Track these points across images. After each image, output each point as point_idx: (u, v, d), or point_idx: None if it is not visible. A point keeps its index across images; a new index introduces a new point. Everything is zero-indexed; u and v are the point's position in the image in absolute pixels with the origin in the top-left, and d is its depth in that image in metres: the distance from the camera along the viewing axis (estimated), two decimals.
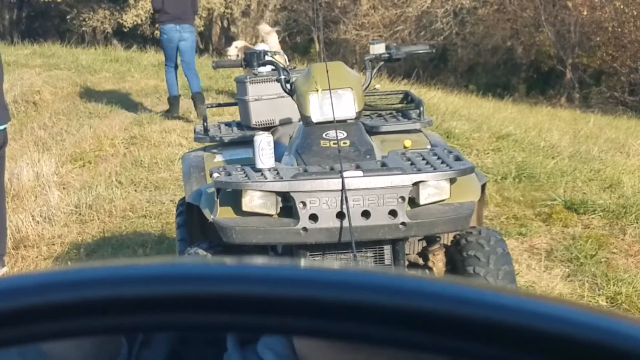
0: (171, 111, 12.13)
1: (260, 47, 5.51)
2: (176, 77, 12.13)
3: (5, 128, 7.32)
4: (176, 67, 12.07)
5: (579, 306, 0.85)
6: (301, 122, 4.70)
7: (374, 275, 0.86)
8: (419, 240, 4.74)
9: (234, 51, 12.54)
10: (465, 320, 0.77)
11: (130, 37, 26.41)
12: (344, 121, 4.52)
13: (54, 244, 8.05)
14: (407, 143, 4.89)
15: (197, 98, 11.70)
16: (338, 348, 1.11)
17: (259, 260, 0.90)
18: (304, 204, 4.14)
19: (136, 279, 0.82)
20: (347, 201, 4.10)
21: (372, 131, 4.99)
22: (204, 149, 5.49)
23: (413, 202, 4.22)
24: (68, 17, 28.95)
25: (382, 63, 5.12)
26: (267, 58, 5.14)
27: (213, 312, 0.80)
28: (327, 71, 4.45)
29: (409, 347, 0.80)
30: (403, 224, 4.15)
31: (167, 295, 0.80)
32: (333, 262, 4.23)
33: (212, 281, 0.81)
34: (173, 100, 12.15)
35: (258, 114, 5.51)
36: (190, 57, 12.12)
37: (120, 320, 0.81)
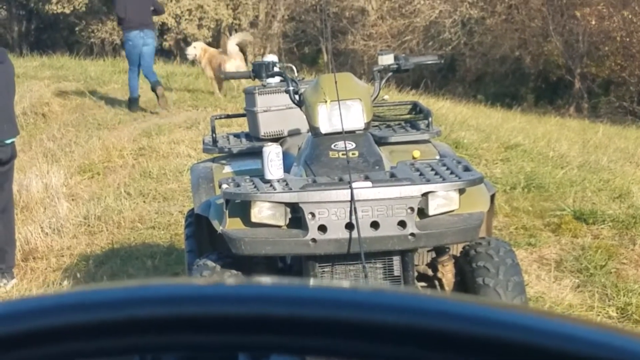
0: (131, 109, 13.46)
1: (268, 58, 5.51)
2: (138, 81, 13.46)
3: (13, 142, 7.35)
4: (139, 72, 13.39)
5: (587, 323, 0.85)
6: (310, 133, 4.70)
7: (386, 295, 0.85)
8: (428, 251, 4.73)
9: (192, 50, 14.21)
10: (479, 339, 0.77)
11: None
12: (353, 132, 4.52)
13: (63, 256, 8.06)
14: (416, 154, 4.89)
15: (156, 85, 13.14)
16: None
17: (270, 281, 0.90)
18: (313, 214, 4.14)
19: (147, 300, 0.82)
20: (356, 212, 4.10)
21: (381, 142, 4.99)
22: (213, 160, 5.49)
23: (422, 212, 4.21)
24: (77, 29, 29.07)
25: (390, 74, 5.12)
26: (276, 69, 5.15)
27: (225, 332, 0.79)
28: (335, 82, 4.45)
29: None
30: (412, 234, 4.14)
31: (177, 316, 0.80)
32: (343, 282, 4.23)
33: (223, 302, 0.81)
34: (134, 101, 13.50)
35: (267, 125, 5.51)
36: (150, 62, 13.38)
37: (131, 341, 0.81)
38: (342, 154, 4.44)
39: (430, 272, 4.71)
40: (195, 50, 14.15)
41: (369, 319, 0.78)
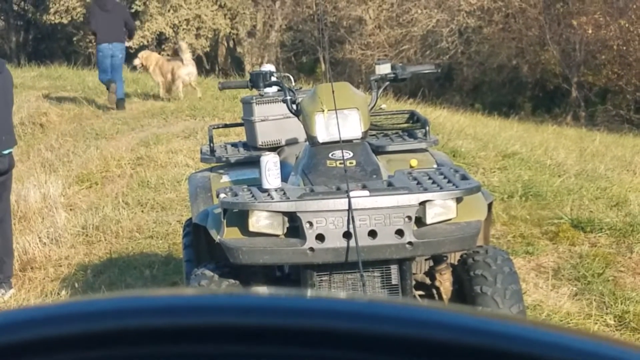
0: (110, 89, 14.44)
1: (266, 67, 5.52)
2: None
3: (11, 152, 7.36)
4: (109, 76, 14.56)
5: (582, 334, 0.86)
6: (307, 143, 4.70)
7: (378, 305, 0.86)
8: (425, 259, 4.73)
9: (137, 61, 15.40)
10: (472, 349, 0.77)
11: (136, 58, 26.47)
12: (350, 141, 4.53)
13: (61, 266, 8.06)
14: (414, 162, 4.89)
15: (119, 105, 14.33)
16: None
17: (265, 291, 0.91)
18: (311, 224, 4.14)
19: (142, 311, 0.82)
20: (353, 221, 4.10)
21: (378, 151, 5.00)
22: (211, 170, 5.50)
23: (420, 221, 4.21)
24: (74, 39, 29.11)
25: (387, 83, 5.12)
26: (274, 79, 5.16)
27: (217, 342, 0.80)
28: (332, 92, 4.46)
29: None
30: (410, 243, 4.14)
31: (172, 326, 0.80)
32: (339, 292, 4.24)
33: (220, 312, 0.82)
34: (108, 83, 14.52)
35: (264, 135, 5.52)
36: (119, 70, 14.65)
37: (125, 352, 0.81)
38: (340, 163, 4.45)
39: (428, 281, 4.71)
40: (138, 60, 15.35)
41: (361, 329, 0.79)
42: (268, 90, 5.40)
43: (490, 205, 4.74)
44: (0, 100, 7.23)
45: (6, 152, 7.24)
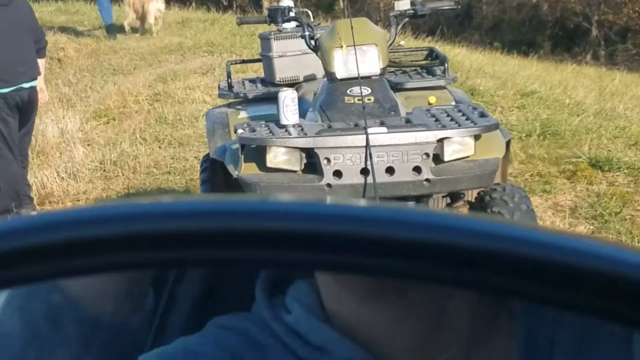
0: (110, 35, 15.07)
1: (284, 3, 5.48)
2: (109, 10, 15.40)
3: (34, 87, 7.23)
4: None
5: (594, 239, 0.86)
6: (325, 79, 4.69)
7: (402, 211, 0.86)
8: (443, 196, 4.74)
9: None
10: (494, 254, 0.77)
11: None
12: (369, 77, 4.51)
13: (78, 200, 8.10)
14: (432, 99, 4.87)
15: (109, 29, 15.19)
16: (363, 301, 1.12)
17: (287, 197, 0.91)
18: (328, 160, 4.14)
19: (165, 215, 0.83)
20: (371, 157, 4.10)
21: (397, 88, 4.98)
22: (228, 106, 5.50)
23: (437, 158, 4.21)
24: None
25: (406, 19, 5.09)
26: (292, 14, 5.13)
27: (244, 247, 0.80)
28: (351, 27, 4.43)
29: (436, 281, 0.81)
30: (427, 180, 4.15)
31: (197, 230, 0.81)
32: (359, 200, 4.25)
33: (244, 216, 0.82)
34: (110, 29, 15.20)
35: (282, 71, 5.50)
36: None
37: (152, 256, 0.82)
38: (358, 100, 4.43)
39: None
40: (128, 8, 15.58)
41: (388, 234, 0.79)
42: (286, 25, 5.38)
43: (508, 144, 4.73)
44: (13, 31, 7.08)
45: (27, 85, 7.15)
